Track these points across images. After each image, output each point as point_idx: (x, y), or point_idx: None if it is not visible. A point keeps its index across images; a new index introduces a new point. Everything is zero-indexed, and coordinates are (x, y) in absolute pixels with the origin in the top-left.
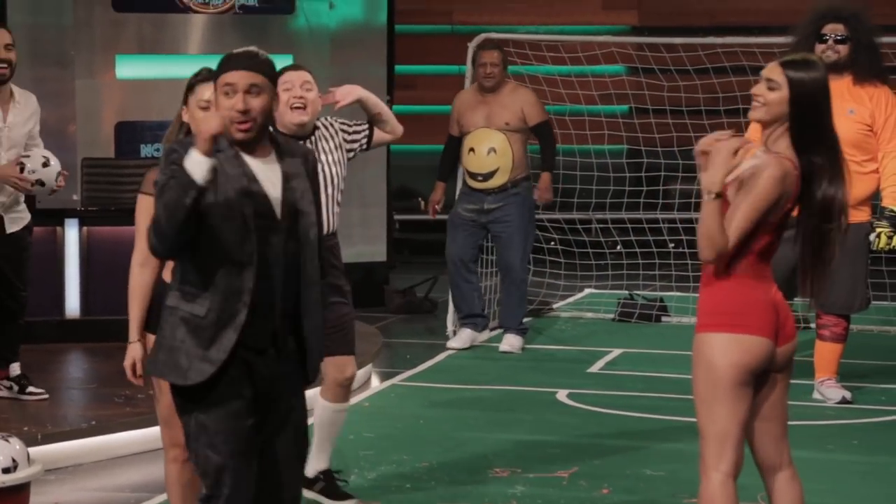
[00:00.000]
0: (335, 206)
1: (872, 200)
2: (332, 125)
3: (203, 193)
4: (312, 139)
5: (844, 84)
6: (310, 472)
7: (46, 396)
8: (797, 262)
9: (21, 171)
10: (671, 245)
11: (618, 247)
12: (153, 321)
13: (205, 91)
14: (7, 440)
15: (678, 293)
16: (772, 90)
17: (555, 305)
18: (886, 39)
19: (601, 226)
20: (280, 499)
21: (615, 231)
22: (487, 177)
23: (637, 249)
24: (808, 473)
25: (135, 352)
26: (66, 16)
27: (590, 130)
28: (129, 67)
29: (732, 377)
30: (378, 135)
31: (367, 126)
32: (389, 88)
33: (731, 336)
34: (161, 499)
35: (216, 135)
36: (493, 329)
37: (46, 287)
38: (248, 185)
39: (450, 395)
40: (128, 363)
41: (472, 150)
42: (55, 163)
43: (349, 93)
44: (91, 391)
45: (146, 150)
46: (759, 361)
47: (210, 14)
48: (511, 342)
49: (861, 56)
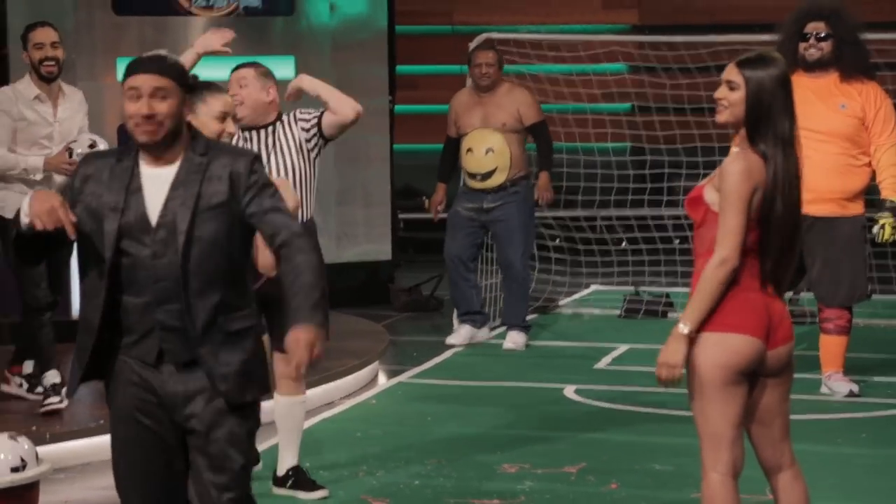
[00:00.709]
0: (307, 196)
1: (866, 194)
2: (292, 118)
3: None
4: (273, 132)
5: (832, 81)
6: (280, 471)
7: (63, 406)
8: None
9: (70, 157)
10: (676, 241)
11: (623, 243)
12: None
13: (215, 103)
14: (16, 439)
15: (684, 289)
16: (733, 90)
17: (560, 302)
18: (872, 36)
19: (606, 223)
20: None
21: (620, 228)
22: (486, 176)
23: (642, 246)
24: (816, 467)
25: None
26: (68, 19)
27: (593, 129)
28: None
29: (719, 377)
30: (327, 117)
31: (318, 113)
32: (391, 89)
33: (718, 335)
34: None
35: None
36: (496, 328)
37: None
38: (124, 198)
39: (457, 392)
40: None
41: (470, 151)
42: (103, 145)
43: (292, 85)
44: (99, 390)
45: None
46: (747, 362)
47: (211, 17)
48: (515, 339)
49: (845, 52)
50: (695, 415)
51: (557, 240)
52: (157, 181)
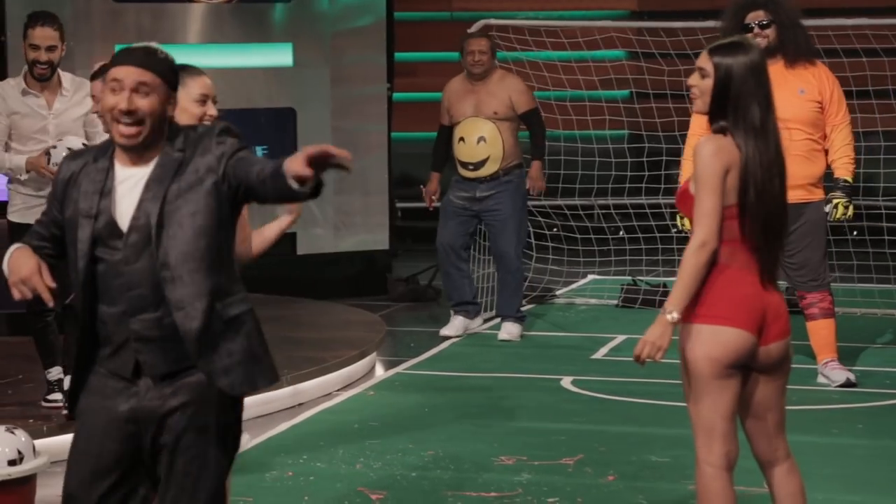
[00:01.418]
0: None
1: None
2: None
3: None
4: None
5: (779, 67)
6: None
7: (64, 409)
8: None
9: (47, 163)
10: (674, 230)
11: (620, 232)
12: None
13: (194, 85)
14: (13, 432)
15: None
16: (704, 78)
17: (558, 292)
18: (811, 23)
19: (603, 211)
20: None
21: (618, 216)
22: (478, 166)
23: (640, 235)
24: (813, 458)
25: None
26: (66, 6)
27: (591, 116)
28: None
29: (708, 370)
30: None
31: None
32: (389, 76)
33: (707, 327)
34: None
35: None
36: (490, 319)
37: None
38: (97, 203)
39: (454, 383)
40: None
41: (462, 140)
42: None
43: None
44: None
45: None
46: (737, 356)
47: (210, 4)
48: (509, 330)
49: (787, 37)
50: (688, 407)
51: (554, 229)
52: (132, 182)
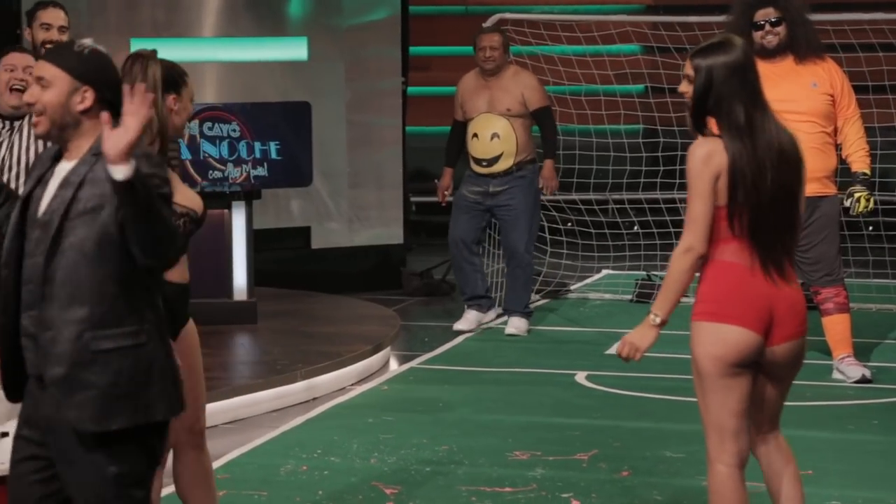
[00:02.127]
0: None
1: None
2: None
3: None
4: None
5: (789, 63)
6: None
7: None
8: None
9: None
10: None
11: (635, 227)
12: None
13: None
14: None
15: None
16: (690, 84)
17: (572, 287)
18: (828, 17)
19: (618, 206)
20: None
21: (632, 211)
22: (492, 162)
23: (654, 230)
24: (828, 454)
25: None
26: None
27: (606, 110)
28: None
29: (712, 368)
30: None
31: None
32: (404, 70)
33: (711, 325)
34: (168, 491)
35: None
36: (502, 314)
37: None
38: (30, 192)
39: (468, 378)
40: None
41: (476, 136)
42: None
43: None
44: None
45: None
46: (741, 354)
47: None
48: (516, 325)
49: (798, 33)
50: (699, 405)
51: (569, 224)
52: (58, 176)
